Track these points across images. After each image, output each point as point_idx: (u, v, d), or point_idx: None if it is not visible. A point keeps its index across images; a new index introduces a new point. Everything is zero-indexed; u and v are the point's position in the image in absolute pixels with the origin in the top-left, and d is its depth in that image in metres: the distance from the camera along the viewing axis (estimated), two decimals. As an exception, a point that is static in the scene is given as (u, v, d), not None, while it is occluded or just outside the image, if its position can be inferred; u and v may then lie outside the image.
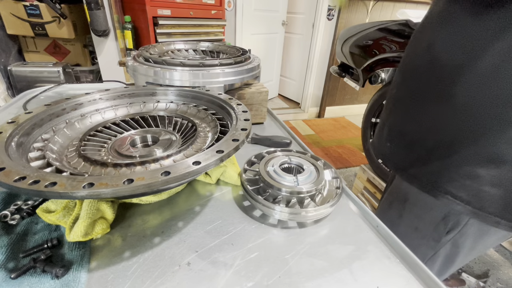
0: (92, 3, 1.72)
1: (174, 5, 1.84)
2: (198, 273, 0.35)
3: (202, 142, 0.50)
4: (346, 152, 2.64)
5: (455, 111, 0.46)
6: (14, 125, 0.43)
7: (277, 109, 3.51)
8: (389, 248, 0.41)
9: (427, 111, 0.51)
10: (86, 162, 0.43)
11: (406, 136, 0.56)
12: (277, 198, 0.46)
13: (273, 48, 3.28)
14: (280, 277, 0.35)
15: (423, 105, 0.52)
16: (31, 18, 1.82)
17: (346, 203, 0.51)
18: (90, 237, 0.38)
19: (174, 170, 0.32)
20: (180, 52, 0.94)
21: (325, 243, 0.41)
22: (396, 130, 0.59)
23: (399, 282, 0.36)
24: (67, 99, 0.55)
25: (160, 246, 0.39)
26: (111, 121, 0.56)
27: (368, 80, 1.70)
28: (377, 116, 1.68)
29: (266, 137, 0.69)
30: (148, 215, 0.44)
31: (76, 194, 0.29)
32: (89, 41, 2.12)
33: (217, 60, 0.71)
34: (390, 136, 0.61)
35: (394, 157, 0.60)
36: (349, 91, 3.41)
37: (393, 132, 0.60)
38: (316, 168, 0.51)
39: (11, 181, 0.29)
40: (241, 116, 0.49)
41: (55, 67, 1.91)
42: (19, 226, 0.40)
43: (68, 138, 0.50)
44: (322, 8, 2.87)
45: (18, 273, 0.32)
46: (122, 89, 0.63)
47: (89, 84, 1.37)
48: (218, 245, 0.39)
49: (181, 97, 0.65)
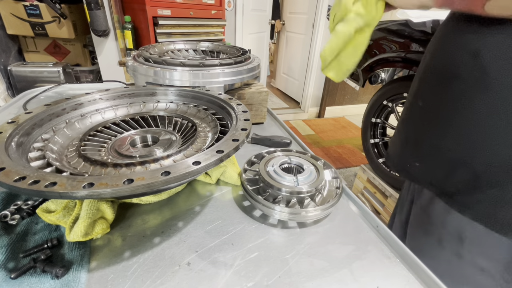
0: (92, 3, 1.72)
1: (174, 5, 1.84)
2: (198, 273, 0.35)
3: (202, 142, 0.50)
4: (346, 152, 2.64)
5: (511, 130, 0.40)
6: (14, 125, 0.43)
7: (277, 109, 3.51)
8: (389, 248, 0.41)
9: (472, 127, 0.44)
10: (86, 162, 0.43)
11: (445, 154, 0.49)
12: (277, 198, 0.46)
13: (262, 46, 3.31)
14: (280, 277, 0.35)
15: (469, 119, 0.44)
16: (31, 18, 1.82)
17: (346, 203, 0.51)
18: (90, 237, 0.38)
19: (174, 170, 0.32)
20: (180, 52, 0.94)
21: (325, 243, 0.41)
22: (429, 145, 0.51)
23: (399, 282, 0.36)
24: (67, 99, 0.55)
25: (160, 246, 0.39)
26: (111, 121, 0.56)
27: (368, 80, 1.70)
28: (377, 116, 1.68)
29: (266, 137, 0.69)
30: (148, 215, 0.44)
31: (76, 194, 0.29)
32: (89, 41, 2.12)
33: (217, 60, 0.71)
34: (420, 152, 0.53)
35: (427, 176, 0.53)
36: (349, 91, 3.41)
37: (424, 148, 0.52)
38: (316, 168, 0.51)
39: (11, 181, 0.29)
40: (241, 116, 0.49)
41: (55, 67, 1.91)
42: (19, 226, 0.40)
43: (68, 138, 0.50)
44: (322, 8, 2.87)
45: (18, 273, 0.32)
46: (122, 89, 0.63)
47: (89, 84, 1.37)
48: (218, 245, 0.39)
49: (181, 97, 0.65)
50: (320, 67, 0.54)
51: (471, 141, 0.45)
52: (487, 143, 0.43)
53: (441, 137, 0.49)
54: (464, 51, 0.44)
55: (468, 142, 0.45)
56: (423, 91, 0.52)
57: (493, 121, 0.42)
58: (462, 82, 0.44)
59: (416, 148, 0.54)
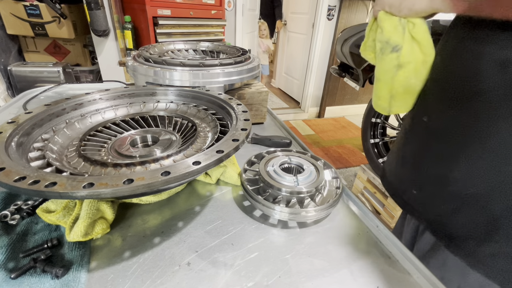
0: (92, 3, 1.71)
1: (174, 5, 1.84)
2: (198, 273, 0.35)
3: (202, 142, 0.50)
4: (346, 152, 2.64)
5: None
6: (14, 125, 0.43)
7: (277, 109, 3.51)
8: (389, 248, 0.41)
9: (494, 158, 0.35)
10: (86, 162, 0.43)
11: (450, 186, 0.40)
12: (277, 198, 0.46)
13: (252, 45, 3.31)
14: (280, 277, 0.35)
15: (490, 148, 0.35)
16: (31, 18, 1.82)
17: (346, 203, 0.51)
18: (90, 237, 0.38)
19: (174, 170, 0.32)
20: (180, 52, 0.94)
21: (325, 243, 0.41)
22: (430, 174, 0.43)
23: (399, 282, 0.36)
24: (67, 99, 0.55)
25: (160, 246, 0.39)
26: (111, 121, 0.56)
27: (368, 80, 1.69)
28: (377, 116, 1.68)
29: (266, 137, 0.69)
30: (148, 215, 0.44)
31: (76, 194, 0.29)
32: (89, 41, 2.12)
33: (217, 60, 0.71)
34: (419, 179, 0.45)
35: (427, 209, 0.45)
36: (349, 91, 3.41)
37: (424, 175, 0.45)
38: (316, 168, 0.51)
39: (11, 181, 0.29)
40: (241, 116, 0.49)
41: (55, 67, 1.91)
42: (19, 226, 0.40)
43: (68, 138, 0.50)
44: (322, 8, 2.87)
45: (18, 273, 0.32)
46: (122, 89, 0.63)
47: (89, 84, 1.37)
48: (218, 245, 0.39)
49: (181, 97, 0.65)
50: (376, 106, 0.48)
51: (491, 175, 0.36)
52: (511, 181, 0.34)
53: (449, 164, 0.40)
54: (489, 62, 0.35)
55: (485, 177, 0.36)
56: (430, 104, 0.43)
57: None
58: (485, 99, 0.36)
59: (415, 172, 0.46)
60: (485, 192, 0.37)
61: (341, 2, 2.83)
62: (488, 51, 0.35)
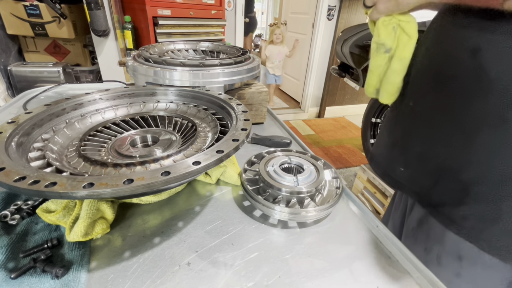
0: (92, 3, 1.71)
1: (174, 5, 1.84)
2: (198, 273, 0.35)
3: (202, 142, 0.50)
4: (346, 152, 2.64)
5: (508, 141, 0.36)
6: (14, 125, 0.43)
7: (277, 109, 3.51)
8: (389, 248, 0.41)
9: (465, 133, 0.40)
10: (86, 162, 0.43)
11: (431, 161, 0.46)
12: (277, 198, 0.46)
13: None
14: (280, 277, 0.35)
15: (461, 125, 0.40)
16: (31, 18, 1.82)
17: (346, 203, 0.51)
18: (90, 237, 0.38)
19: (174, 170, 0.32)
20: (180, 52, 0.94)
21: (325, 243, 0.41)
22: (415, 152, 0.48)
23: (399, 282, 0.36)
24: (67, 99, 0.55)
25: (160, 246, 0.39)
26: (111, 121, 0.56)
27: (368, 80, 1.69)
28: (377, 116, 1.68)
29: (266, 137, 0.69)
30: (148, 215, 0.44)
31: (76, 194, 0.29)
32: (89, 41, 2.12)
33: (217, 60, 0.71)
34: (406, 158, 0.50)
35: (412, 183, 0.50)
36: (349, 91, 3.41)
37: (410, 154, 0.49)
38: (316, 168, 0.51)
39: (11, 181, 0.29)
40: (241, 116, 0.49)
41: (55, 67, 1.91)
42: (19, 226, 0.40)
43: (68, 138, 0.50)
44: (322, 8, 2.87)
45: (18, 273, 0.32)
46: (122, 89, 0.63)
47: (89, 84, 1.37)
48: (218, 245, 0.39)
49: (181, 97, 0.65)
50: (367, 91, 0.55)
51: (462, 149, 0.41)
52: (480, 153, 0.39)
53: (430, 142, 0.45)
54: (462, 48, 0.39)
55: (458, 150, 0.41)
56: (415, 90, 0.48)
57: (490, 129, 0.37)
58: (459, 82, 0.40)
59: (403, 152, 0.51)
60: (458, 164, 0.42)
61: (341, 2, 2.83)
62: (462, 38, 0.40)
